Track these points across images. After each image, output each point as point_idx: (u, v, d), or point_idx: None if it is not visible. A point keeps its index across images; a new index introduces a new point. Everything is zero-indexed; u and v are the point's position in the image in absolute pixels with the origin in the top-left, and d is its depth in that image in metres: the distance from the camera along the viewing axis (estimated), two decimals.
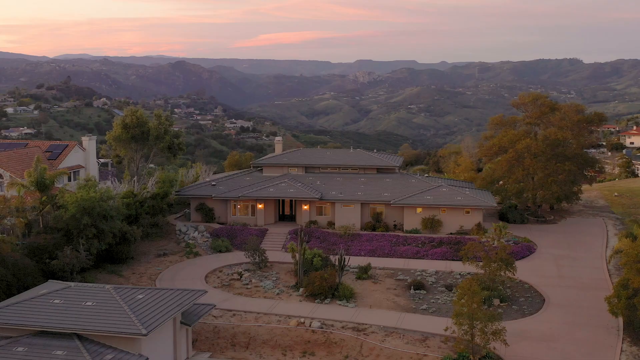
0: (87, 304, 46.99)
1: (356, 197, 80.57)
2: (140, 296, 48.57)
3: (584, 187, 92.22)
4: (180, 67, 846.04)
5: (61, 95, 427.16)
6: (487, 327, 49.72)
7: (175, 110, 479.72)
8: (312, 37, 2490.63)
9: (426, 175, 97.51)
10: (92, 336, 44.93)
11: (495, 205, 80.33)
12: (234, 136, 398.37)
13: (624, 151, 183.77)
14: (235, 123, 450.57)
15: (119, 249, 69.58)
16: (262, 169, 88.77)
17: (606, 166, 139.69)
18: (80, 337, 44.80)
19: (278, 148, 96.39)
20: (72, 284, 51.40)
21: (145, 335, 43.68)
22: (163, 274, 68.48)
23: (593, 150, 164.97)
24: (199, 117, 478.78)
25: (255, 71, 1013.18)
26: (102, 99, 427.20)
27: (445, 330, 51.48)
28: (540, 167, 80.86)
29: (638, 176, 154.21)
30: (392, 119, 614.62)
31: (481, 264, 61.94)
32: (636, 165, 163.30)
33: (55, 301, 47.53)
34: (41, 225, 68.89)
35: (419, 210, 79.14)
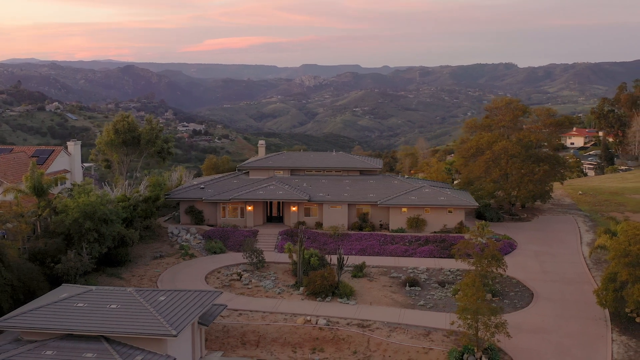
0: (112, 306, 46.57)
1: (343, 198, 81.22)
2: (162, 298, 48.35)
3: (555, 185, 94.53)
4: (129, 71, 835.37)
5: (12, 99, 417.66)
6: (490, 321, 50.97)
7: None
8: (258, 42, 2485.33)
9: (406, 176, 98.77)
10: (119, 338, 44.60)
11: (477, 204, 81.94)
12: (186, 139, 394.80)
13: (572, 151, 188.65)
14: (187, 126, 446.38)
15: (117, 252, 68.87)
16: (248, 172, 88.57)
17: None
18: (106, 339, 44.48)
19: (261, 151, 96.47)
20: (93, 287, 50.88)
21: (175, 336, 43.60)
22: (163, 276, 67.96)
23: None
24: None
25: (203, 75, 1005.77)
26: (54, 103, 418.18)
27: (452, 324, 52.61)
28: (517, 167, 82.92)
29: (587, 175, 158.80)
30: (338, 122, 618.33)
31: (472, 260, 63.12)
32: (584, 165, 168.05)
33: (79, 304, 46.97)
34: (39, 230, 67.73)
35: (404, 210, 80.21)
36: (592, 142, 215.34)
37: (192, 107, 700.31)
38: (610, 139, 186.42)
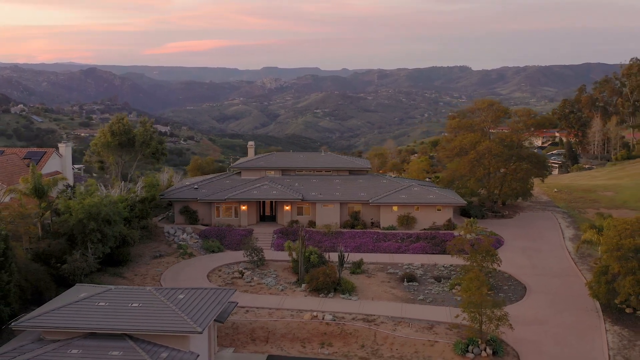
0: (134, 305, 46.29)
1: (335, 197, 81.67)
2: (181, 296, 48.23)
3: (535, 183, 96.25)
4: (91, 74, 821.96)
5: None
6: (493, 314, 51.93)
7: (92, 116, 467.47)
8: (220, 45, 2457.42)
9: (394, 176, 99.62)
10: (143, 336, 44.33)
11: (465, 202, 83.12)
12: None
13: (535, 151, 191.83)
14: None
15: (119, 251, 68.22)
16: (240, 172, 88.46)
17: None
18: (130, 337, 44.18)
19: (251, 152, 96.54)
20: (112, 286, 50.54)
21: (200, 332, 43.63)
22: (165, 275, 67.55)
23: None
24: None
25: (165, 78, 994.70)
26: (19, 105, 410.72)
27: (456, 317, 53.45)
28: (501, 166, 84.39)
29: (552, 173, 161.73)
30: (300, 123, 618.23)
31: (467, 256, 63.99)
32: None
33: (101, 304, 46.59)
34: (40, 231, 66.72)
35: (394, 208, 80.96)
36: (550, 142, 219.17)
37: (156, 109, 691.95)
38: (569, 139, 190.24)
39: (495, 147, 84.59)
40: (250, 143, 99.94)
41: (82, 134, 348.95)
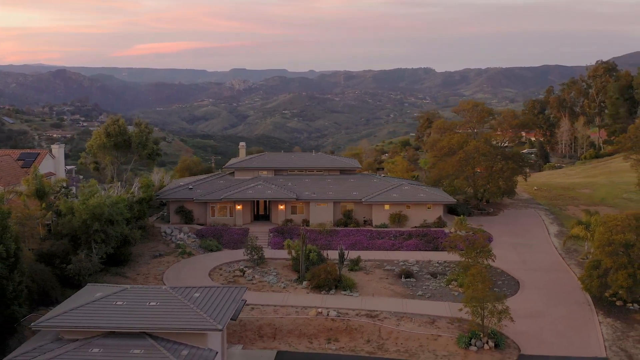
0: (152, 304, 46.01)
1: (328, 196, 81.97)
2: (197, 294, 48.11)
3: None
4: (60, 75, 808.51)
5: None
6: (494, 308, 52.76)
7: (64, 117, 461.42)
8: (188, 47, 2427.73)
9: (383, 175, 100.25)
10: (161, 334, 44.11)
11: (455, 200, 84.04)
12: None
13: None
14: None
15: (120, 251, 67.68)
16: (233, 172, 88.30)
17: None
18: (149, 335, 43.95)
19: (242, 152, 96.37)
20: (127, 286, 50.15)
21: (221, 330, 43.61)
22: (167, 274, 67.19)
23: None
24: (86, 124, 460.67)
25: (134, 79, 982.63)
26: None
27: (460, 310, 54.19)
28: (488, 165, 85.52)
29: None
30: (269, 124, 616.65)
31: (463, 252, 64.83)
32: None
33: (118, 303, 46.20)
34: (41, 232, 65.92)
35: (386, 207, 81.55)
36: (516, 142, 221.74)
37: (125, 110, 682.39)
38: (538, 138, 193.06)
39: (482, 147, 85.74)
40: (242, 144, 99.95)
41: (55, 135, 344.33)
